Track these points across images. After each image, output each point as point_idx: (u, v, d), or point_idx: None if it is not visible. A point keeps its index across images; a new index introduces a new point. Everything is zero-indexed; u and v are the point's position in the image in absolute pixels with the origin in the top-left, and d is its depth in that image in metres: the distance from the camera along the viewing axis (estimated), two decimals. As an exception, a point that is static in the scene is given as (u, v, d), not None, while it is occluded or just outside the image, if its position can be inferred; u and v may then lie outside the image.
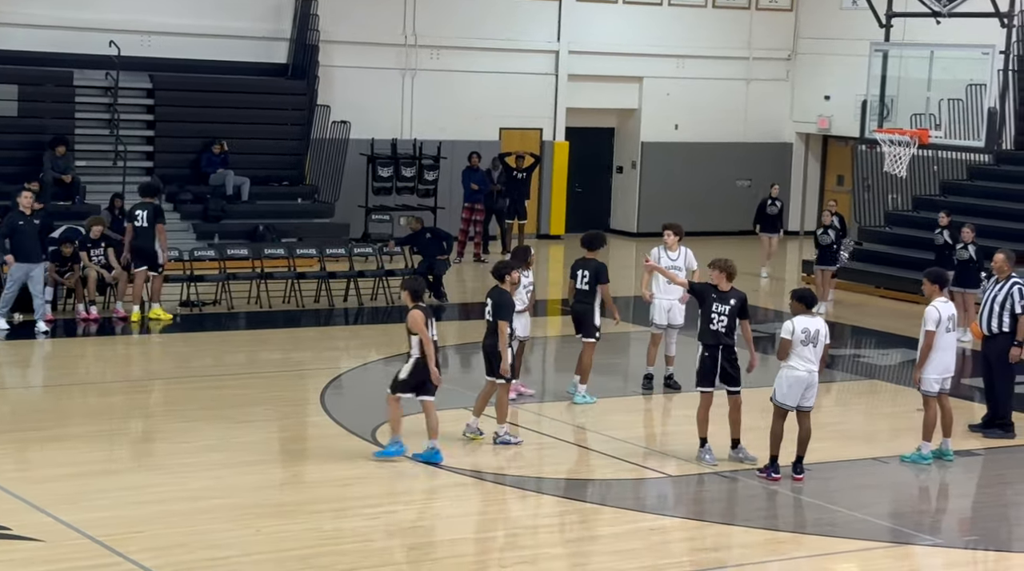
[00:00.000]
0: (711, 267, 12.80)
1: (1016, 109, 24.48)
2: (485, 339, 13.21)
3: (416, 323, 12.33)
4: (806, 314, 12.29)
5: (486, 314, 13.17)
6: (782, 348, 12.23)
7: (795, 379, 12.23)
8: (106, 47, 23.14)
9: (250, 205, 23.73)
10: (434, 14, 26.25)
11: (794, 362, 12.21)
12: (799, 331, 12.18)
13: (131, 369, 16.88)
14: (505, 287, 13.19)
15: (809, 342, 12.19)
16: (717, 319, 12.62)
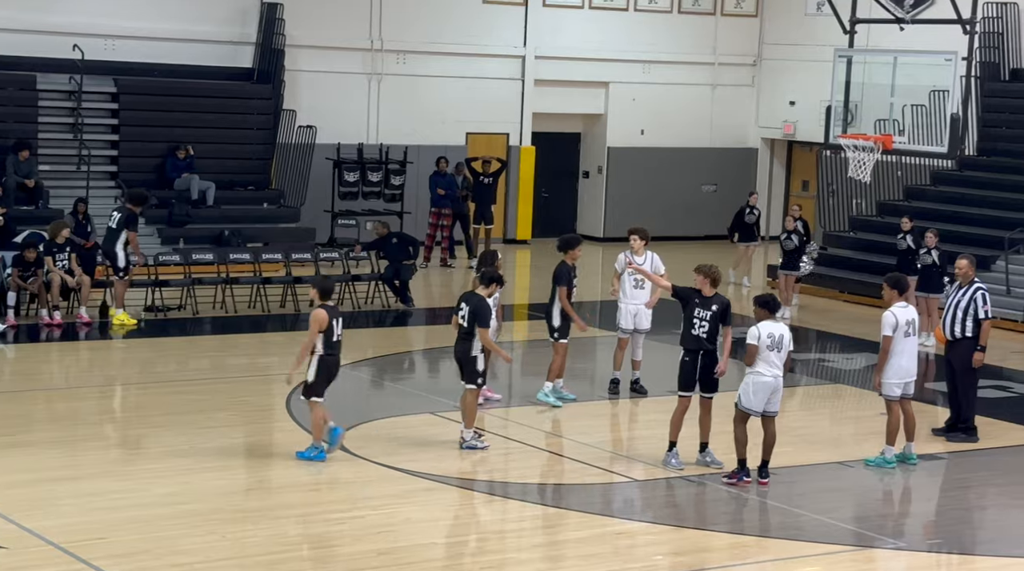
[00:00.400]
0: (696, 272, 12.84)
1: (978, 115, 24.68)
2: (456, 344, 13.19)
3: (314, 321, 12.46)
4: (770, 320, 12.34)
5: (459, 319, 13.14)
6: (749, 354, 12.27)
7: (761, 384, 12.27)
8: (70, 51, 23.02)
9: (215, 210, 23.65)
10: (400, 19, 26.24)
11: (760, 368, 12.26)
12: (765, 336, 12.23)
13: (95, 374, 16.79)
14: (484, 292, 13.19)
15: (775, 347, 12.24)
16: (699, 324, 12.65)
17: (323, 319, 12.45)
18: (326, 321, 12.45)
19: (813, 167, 28.17)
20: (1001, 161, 24.47)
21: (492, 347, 13.11)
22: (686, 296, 12.83)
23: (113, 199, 22.86)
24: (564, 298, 14.88)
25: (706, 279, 12.74)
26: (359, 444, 13.29)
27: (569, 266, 15.00)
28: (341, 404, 15.30)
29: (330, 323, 12.49)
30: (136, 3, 23.97)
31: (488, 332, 13.06)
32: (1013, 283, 21.11)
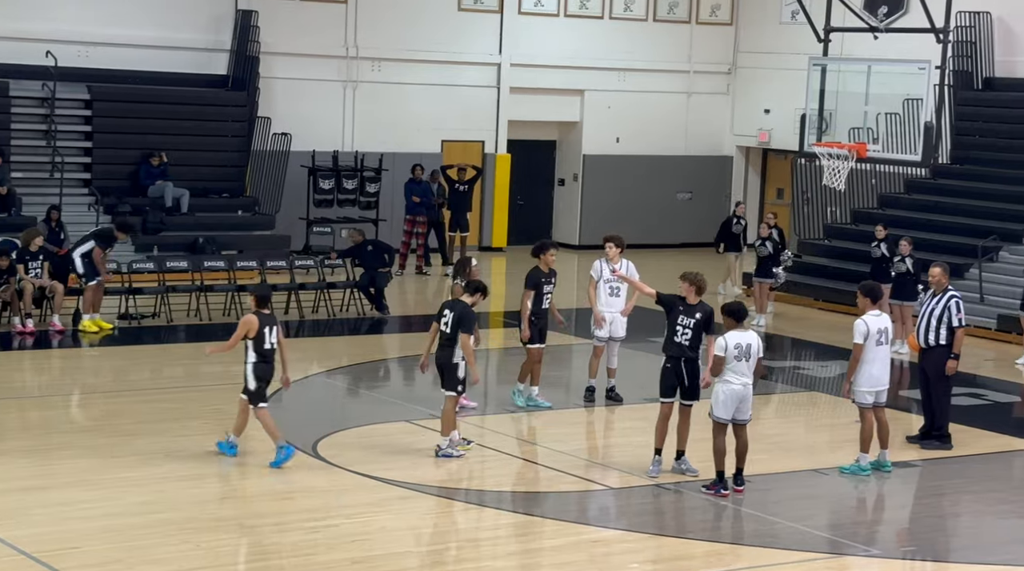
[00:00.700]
0: (682, 280, 12.84)
1: (952, 123, 24.80)
2: (438, 351, 13.17)
3: (241, 325, 12.62)
4: (738, 329, 12.32)
5: (442, 326, 13.12)
6: (715, 365, 12.26)
7: (730, 393, 12.27)
8: (43, 58, 22.93)
9: (190, 217, 23.57)
10: (375, 26, 26.22)
11: (728, 376, 12.25)
12: (731, 347, 12.21)
13: (68, 383, 16.70)
14: (469, 301, 13.17)
15: (742, 357, 12.22)
16: (682, 332, 12.66)
17: (251, 324, 12.57)
18: (255, 327, 12.56)
19: (788, 175, 28.26)
20: (974, 169, 24.60)
21: (470, 356, 13.09)
22: (670, 303, 12.84)
23: (87, 207, 22.78)
24: (524, 301, 14.91)
25: (692, 287, 12.75)
26: (334, 452, 13.25)
27: (543, 271, 15.00)
28: (316, 412, 15.29)
29: (260, 330, 12.59)
30: (109, 10, 23.89)
31: (470, 338, 13.05)
32: (986, 291, 21.20)
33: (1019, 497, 13.16)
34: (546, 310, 15.09)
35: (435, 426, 13.96)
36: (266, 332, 12.61)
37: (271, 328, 12.68)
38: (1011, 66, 25.12)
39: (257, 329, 12.56)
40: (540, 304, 15.02)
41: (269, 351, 12.65)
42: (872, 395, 13.16)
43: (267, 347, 12.63)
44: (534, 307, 14.96)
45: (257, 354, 12.62)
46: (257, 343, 12.58)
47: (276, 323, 12.83)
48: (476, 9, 27.32)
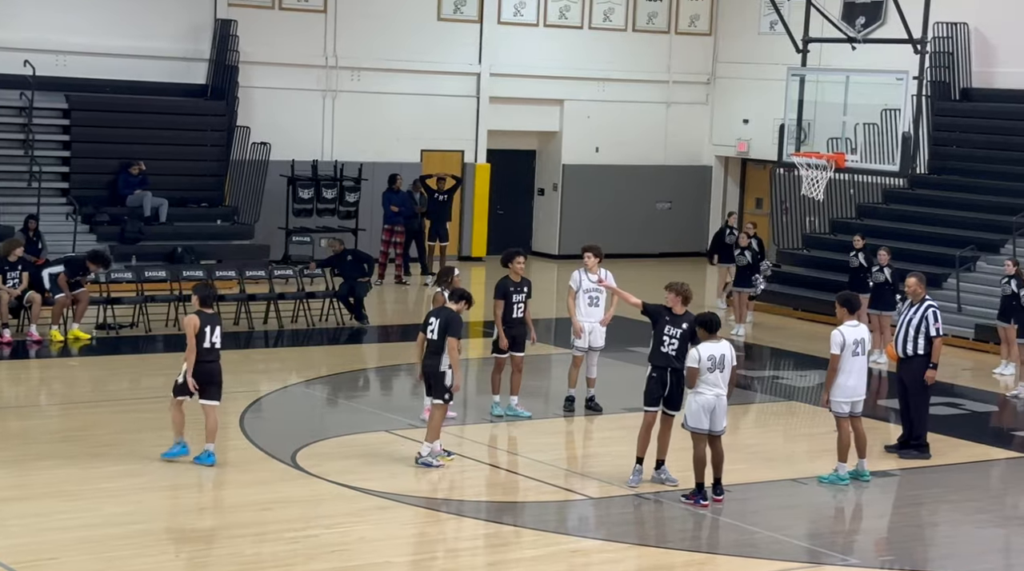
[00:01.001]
0: (668, 290, 12.87)
1: (929, 134, 24.91)
2: (425, 359, 13.17)
3: (184, 326, 12.84)
4: (710, 340, 12.33)
5: (429, 334, 13.12)
6: (689, 377, 12.26)
7: (702, 403, 12.26)
8: (21, 67, 22.85)
9: (168, 227, 23.51)
10: (355, 35, 26.21)
11: (701, 388, 12.26)
12: (705, 358, 12.21)
13: (46, 393, 16.63)
14: (453, 308, 13.18)
15: (716, 368, 12.24)
16: (668, 342, 12.67)
17: (193, 324, 12.72)
18: (196, 326, 12.70)
19: (767, 185, 28.33)
20: (952, 179, 24.70)
21: (455, 361, 13.09)
22: (656, 313, 12.86)
23: (65, 216, 22.70)
24: (496, 313, 14.94)
25: (677, 297, 12.78)
26: (313, 462, 13.23)
27: (512, 281, 15.00)
28: (295, 422, 15.26)
29: (201, 329, 12.73)
30: (88, 19, 23.83)
31: (457, 343, 13.05)
32: (964, 301, 21.28)
33: (997, 506, 13.21)
34: (518, 320, 15.08)
35: (415, 436, 13.96)
36: (207, 331, 12.78)
37: (212, 327, 12.85)
38: (988, 77, 25.24)
39: (198, 328, 12.71)
40: (511, 313, 15.00)
41: (207, 350, 12.81)
42: (848, 405, 13.20)
43: (206, 346, 12.80)
44: (505, 316, 14.95)
45: (196, 353, 12.79)
46: (197, 342, 12.75)
47: (219, 323, 13.02)
48: (455, 19, 27.34)
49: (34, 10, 23.43)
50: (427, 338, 13.13)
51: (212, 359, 12.88)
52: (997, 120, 24.68)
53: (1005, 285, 18.43)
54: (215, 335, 12.83)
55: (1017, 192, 23.29)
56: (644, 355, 18.92)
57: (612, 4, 28.93)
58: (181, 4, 24.63)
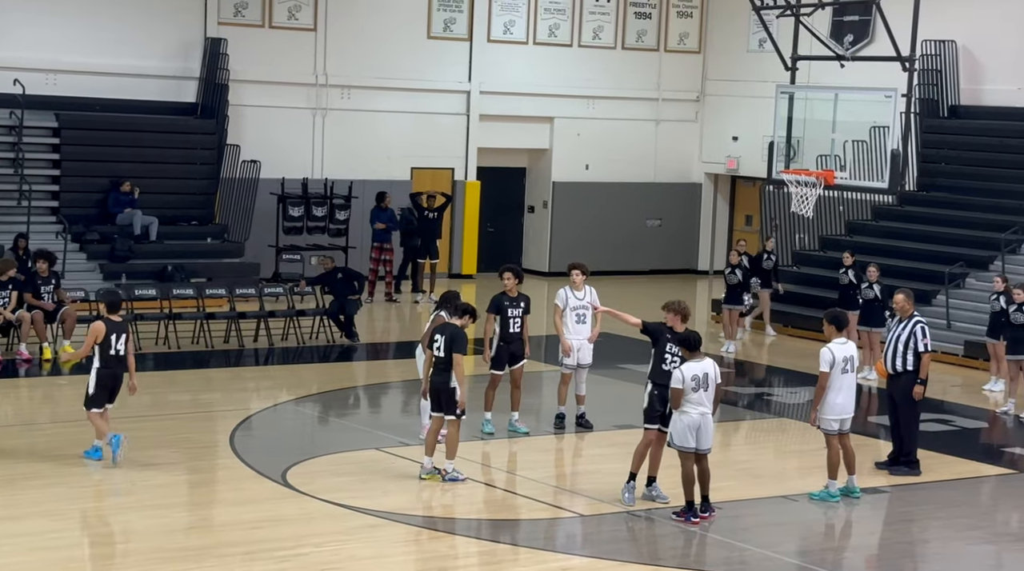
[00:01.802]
0: (665, 309, 12.89)
1: (918, 151, 24.98)
2: (434, 376, 13.18)
3: (90, 332, 12.96)
4: (694, 359, 12.35)
5: (436, 350, 13.13)
6: (674, 398, 12.26)
7: (687, 422, 12.26)
8: (11, 85, 22.85)
9: (158, 245, 23.49)
10: (345, 54, 26.26)
11: (686, 407, 12.25)
12: (688, 379, 12.21)
13: (35, 412, 16.59)
14: (457, 323, 13.20)
15: (700, 387, 12.24)
16: (671, 360, 12.67)
17: (99, 330, 12.89)
18: (102, 332, 12.86)
19: (756, 202, 28.40)
20: (940, 196, 24.76)
21: (460, 377, 13.12)
22: (657, 332, 12.88)
23: (55, 234, 22.67)
24: (487, 325, 14.99)
25: (676, 316, 12.80)
26: (303, 480, 13.21)
27: (508, 296, 15.03)
28: (285, 440, 15.23)
29: (107, 336, 12.92)
30: (78, 37, 23.85)
31: (463, 359, 13.09)
32: (953, 317, 21.32)
33: (987, 523, 13.22)
34: (515, 334, 15.09)
35: (405, 454, 13.96)
36: (112, 338, 12.94)
37: (119, 335, 13.00)
38: (976, 94, 25.34)
39: (104, 335, 12.88)
40: (508, 328, 15.02)
41: (114, 357, 12.98)
42: (838, 423, 13.20)
43: (112, 353, 12.96)
44: (502, 332, 14.98)
45: (101, 360, 12.95)
46: (103, 349, 12.90)
47: (126, 330, 13.19)
48: (445, 37, 27.40)
49: (24, 28, 23.44)
50: (434, 356, 13.16)
51: (113, 367, 13.11)
52: (985, 137, 24.75)
53: (994, 302, 18.46)
54: (120, 342, 13.02)
55: (1006, 209, 23.36)
56: (634, 372, 19.04)
57: (601, 22, 29.00)
58: (171, 23, 24.66)
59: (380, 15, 26.50)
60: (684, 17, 29.82)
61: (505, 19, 28.00)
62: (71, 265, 21.51)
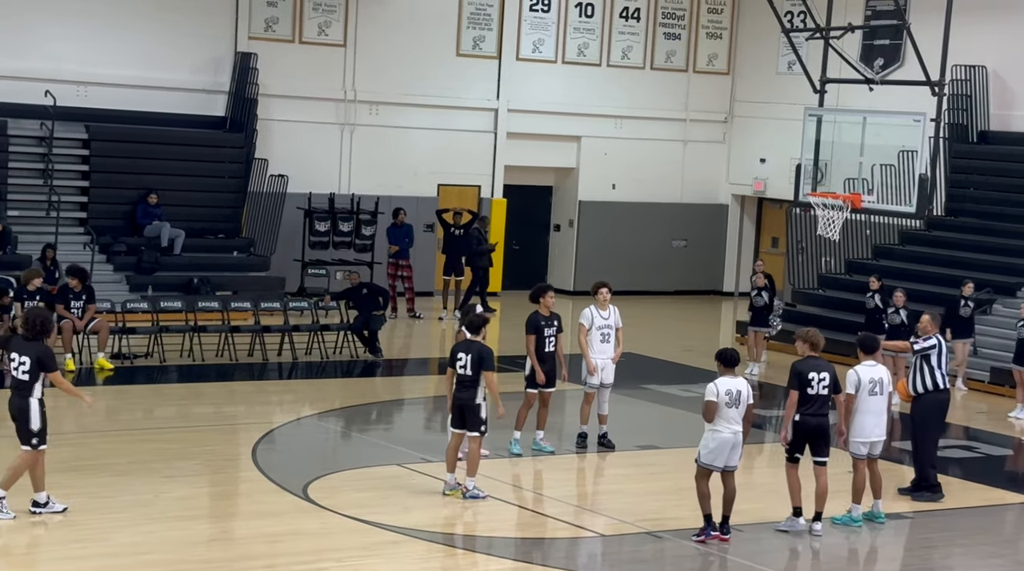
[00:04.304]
0: (798, 339, 13.03)
1: (947, 175, 24.89)
2: (459, 393, 13.19)
3: None
4: (729, 375, 12.33)
5: (460, 368, 13.14)
6: (707, 410, 12.25)
7: (720, 440, 12.25)
8: (41, 97, 23.00)
9: (184, 258, 23.57)
10: (373, 70, 26.34)
11: (718, 424, 12.23)
12: (723, 392, 12.21)
13: (60, 422, 16.60)
14: (479, 339, 13.21)
15: (733, 404, 12.22)
16: (817, 387, 12.64)
17: None
18: None
19: (783, 224, 28.33)
20: (969, 222, 24.66)
21: (494, 393, 13.16)
22: (800, 376, 12.72)
23: (82, 246, 22.79)
24: (528, 347, 14.95)
25: (805, 344, 12.95)
26: (325, 495, 13.21)
27: (542, 315, 15.04)
28: (307, 454, 15.25)
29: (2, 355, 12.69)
30: (109, 50, 23.99)
31: (495, 375, 13.12)
32: (980, 344, 21.21)
33: (1009, 551, 13.12)
34: (550, 354, 15.10)
35: (427, 470, 13.96)
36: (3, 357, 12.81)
37: (5, 354, 12.91)
38: (1006, 120, 25.25)
39: None
40: (543, 347, 15.03)
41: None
42: (867, 446, 13.13)
43: None
44: (537, 351, 14.99)
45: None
46: None
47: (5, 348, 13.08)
48: (474, 55, 27.47)
49: (56, 41, 23.60)
50: (458, 373, 13.17)
51: None
52: (1014, 163, 24.64)
53: (1021, 328, 18.37)
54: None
55: (1034, 235, 23.26)
56: (656, 392, 19.00)
57: (630, 42, 29.03)
58: (202, 37, 24.80)
59: (410, 32, 26.59)
60: (713, 38, 29.83)
61: (534, 38, 28.06)
62: (98, 276, 21.59)
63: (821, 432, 12.74)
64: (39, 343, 12.09)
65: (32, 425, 11.98)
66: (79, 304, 18.72)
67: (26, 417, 11.99)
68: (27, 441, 11.99)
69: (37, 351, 12.03)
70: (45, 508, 12.05)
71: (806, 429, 12.71)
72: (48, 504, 12.08)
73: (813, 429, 12.71)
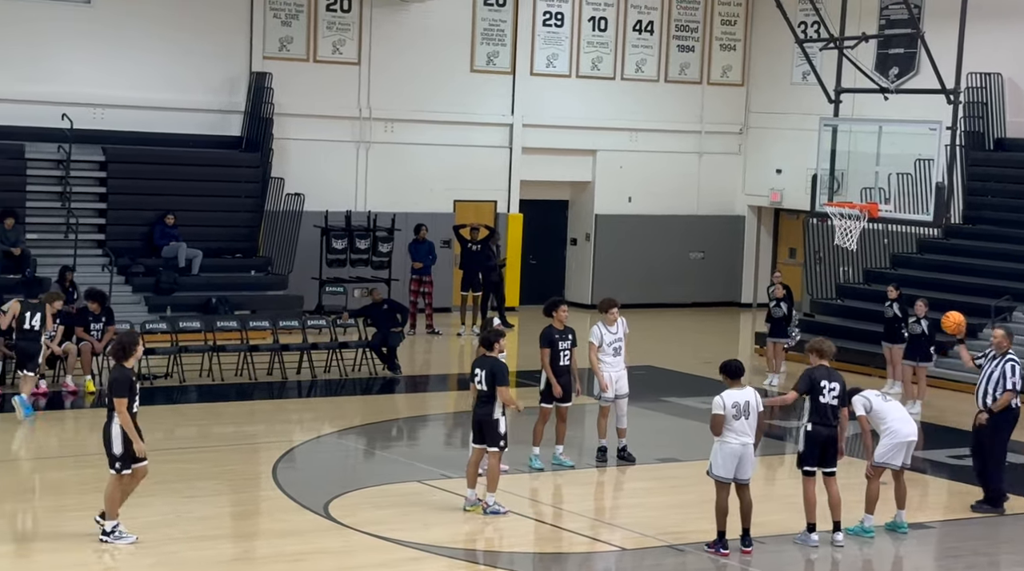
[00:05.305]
0: (808, 351, 13.00)
1: (964, 183, 24.83)
2: (477, 408, 13.21)
3: None
4: (735, 387, 12.30)
5: (477, 384, 13.15)
6: (714, 423, 12.20)
7: (728, 452, 12.21)
8: (59, 120, 23.10)
9: (202, 278, 23.63)
10: (388, 87, 26.40)
11: (727, 436, 12.19)
12: (729, 405, 12.17)
13: (80, 443, 16.67)
14: (494, 354, 13.22)
15: (741, 415, 12.18)
16: (828, 395, 12.65)
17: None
18: None
19: (800, 234, 28.27)
20: (986, 229, 24.59)
21: (510, 401, 13.20)
22: (810, 383, 12.70)
23: (101, 267, 22.86)
24: (543, 361, 14.96)
25: (810, 352, 12.92)
26: (345, 513, 13.21)
27: (556, 329, 15.03)
28: (328, 472, 15.25)
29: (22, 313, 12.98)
30: (125, 72, 24.09)
31: (508, 390, 13.14)
32: (1000, 350, 21.08)
33: (1035, 559, 13.06)
34: (565, 368, 15.10)
35: (448, 486, 13.95)
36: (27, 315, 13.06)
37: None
38: (1023, 126, 25.17)
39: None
40: (558, 361, 15.03)
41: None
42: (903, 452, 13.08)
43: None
44: (552, 365, 14.99)
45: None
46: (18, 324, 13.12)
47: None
48: (488, 70, 27.51)
49: (71, 64, 23.70)
50: (476, 388, 13.18)
51: None
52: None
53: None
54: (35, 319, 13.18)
55: (1053, 241, 23.18)
56: (675, 405, 18.97)
57: (644, 55, 29.05)
58: (217, 57, 24.89)
59: (424, 49, 26.65)
60: (727, 50, 29.83)
61: (548, 52, 28.09)
62: (117, 298, 21.66)
63: (832, 443, 12.70)
64: (116, 367, 12.14)
65: (113, 449, 12.00)
66: (99, 326, 18.78)
67: (108, 441, 12.03)
68: (111, 465, 12.05)
69: (111, 375, 12.12)
70: (110, 537, 12.03)
71: (819, 439, 12.70)
72: (114, 533, 12.07)
73: (825, 439, 12.69)
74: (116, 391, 11.88)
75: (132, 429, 11.84)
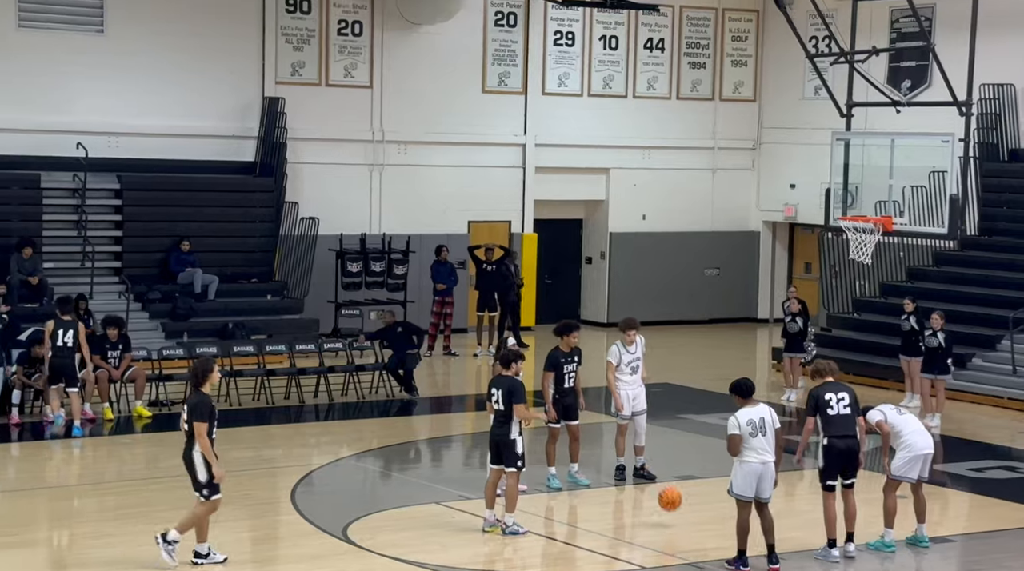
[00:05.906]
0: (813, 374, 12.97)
1: (978, 195, 24.78)
2: (494, 429, 13.21)
3: None
4: (748, 405, 12.26)
5: (494, 404, 13.15)
6: (732, 444, 12.16)
7: (749, 471, 12.16)
8: (73, 149, 23.20)
9: (219, 303, 23.68)
10: (401, 109, 26.47)
11: (746, 455, 12.15)
12: (744, 424, 12.13)
13: (100, 471, 16.71)
14: (511, 374, 13.23)
15: (757, 432, 12.14)
16: (836, 407, 12.64)
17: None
18: None
19: (815, 249, 28.22)
20: (1002, 240, 24.51)
21: (528, 417, 13.21)
22: (816, 402, 12.72)
23: (117, 295, 22.93)
24: (544, 383, 14.98)
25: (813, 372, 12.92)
26: (365, 536, 13.21)
27: (563, 351, 15.03)
28: (346, 495, 15.24)
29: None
30: (138, 100, 24.20)
31: (523, 408, 13.14)
32: (1019, 362, 21.03)
33: (1057, 571, 12.99)
34: (570, 389, 15.09)
35: (467, 508, 13.93)
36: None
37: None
38: (1036, 137, 25.14)
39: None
40: (563, 383, 15.03)
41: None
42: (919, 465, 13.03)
43: None
44: (557, 386, 14.99)
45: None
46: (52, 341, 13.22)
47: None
48: (500, 91, 27.56)
49: (86, 94, 23.81)
50: (493, 408, 13.19)
51: None
52: (1046, 180, 24.52)
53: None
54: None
55: (1069, 251, 23.09)
56: (694, 422, 18.94)
57: (656, 73, 29.08)
58: (229, 84, 24.99)
59: (435, 70, 26.72)
60: (739, 66, 29.85)
61: (560, 71, 28.14)
62: (133, 324, 21.71)
63: (851, 455, 12.65)
64: (195, 392, 12.17)
65: (198, 476, 12.02)
66: (116, 353, 18.83)
67: (191, 468, 12.05)
68: (197, 490, 12.08)
69: (191, 400, 12.13)
70: (207, 559, 12.10)
71: (836, 452, 12.64)
72: (209, 555, 12.13)
73: (843, 452, 12.63)
74: (197, 416, 11.88)
75: (211, 453, 11.87)
